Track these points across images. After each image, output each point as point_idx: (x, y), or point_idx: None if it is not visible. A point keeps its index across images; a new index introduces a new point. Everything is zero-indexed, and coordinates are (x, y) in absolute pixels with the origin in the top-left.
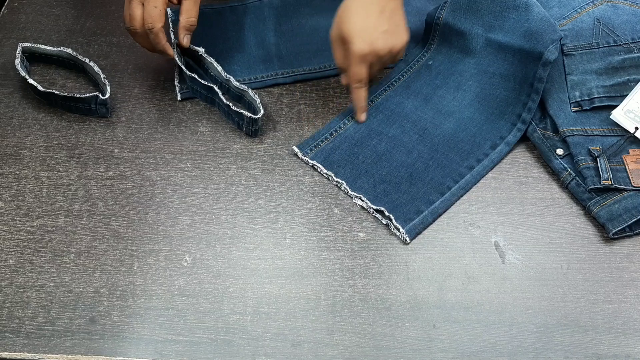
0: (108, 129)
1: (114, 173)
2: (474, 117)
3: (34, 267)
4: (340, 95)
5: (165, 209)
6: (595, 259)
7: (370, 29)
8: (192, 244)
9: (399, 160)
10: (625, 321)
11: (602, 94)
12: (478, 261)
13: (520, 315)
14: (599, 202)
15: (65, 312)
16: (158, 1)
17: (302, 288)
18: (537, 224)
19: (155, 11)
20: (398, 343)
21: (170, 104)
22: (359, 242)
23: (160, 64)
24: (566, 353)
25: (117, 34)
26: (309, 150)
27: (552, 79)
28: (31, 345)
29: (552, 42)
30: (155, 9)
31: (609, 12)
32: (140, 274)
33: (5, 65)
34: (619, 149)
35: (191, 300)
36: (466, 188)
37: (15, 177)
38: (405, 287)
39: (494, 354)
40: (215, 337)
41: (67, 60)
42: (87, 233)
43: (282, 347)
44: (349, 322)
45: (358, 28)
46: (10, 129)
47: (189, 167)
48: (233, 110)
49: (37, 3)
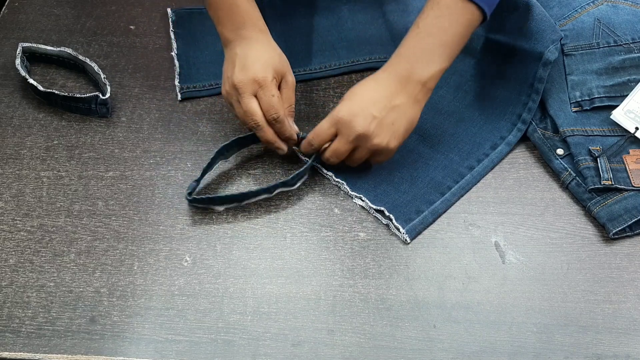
0: (108, 129)
1: (114, 173)
2: (474, 117)
3: (34, 267)
4: (341, 95)
5: (165, 209)
6: (595, 259)
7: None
8: (192, 244)
9: (399, 160)
10: (626, 321)
11: (602, 94)
12: (478, 261)
13: (521, 316)
14: (599, 202)
15: (65, 312)
16: (274, 89)
17: (302, 288)
18: (538, 224)
19: (274, 99)
20: (398, 343)
21: (171, 104)
22: (359, 242)
23: (161, 64)
24: (566, 353)
25: (117, 34)
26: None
27: (552, 79)
28: (31, 345)
29: (552, 42)
30: (273, 97)
31: (609, 12)
32: (141, 274)
33: (5, 65)
34: (619, 149)
35: (191, 300)
36: (466, 188)
37: (15, 177)
38: (406, 287)
39: (494, 354)
40: (215, 337)
41: (67, 60)
42: (88, 233)
43: (282, 347)
44: (349, 322)
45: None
46: (10, 129)
47: (189, 167)
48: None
49: (37, 3)
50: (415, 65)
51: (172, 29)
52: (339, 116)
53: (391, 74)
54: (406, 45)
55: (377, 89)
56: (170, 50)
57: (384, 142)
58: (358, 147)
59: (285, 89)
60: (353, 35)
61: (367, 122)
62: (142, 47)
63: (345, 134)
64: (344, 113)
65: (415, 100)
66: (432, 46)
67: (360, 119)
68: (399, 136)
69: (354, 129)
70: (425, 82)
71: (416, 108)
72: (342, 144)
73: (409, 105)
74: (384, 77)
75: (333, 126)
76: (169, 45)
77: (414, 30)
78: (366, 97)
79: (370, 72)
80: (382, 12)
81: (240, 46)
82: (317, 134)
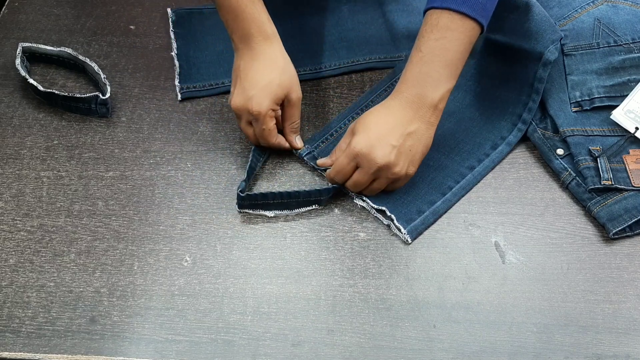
0: (108, 129)
1: (114, 173)
2: (475, 117)
3: (34, 267)
4: (340, 95)
5: (165, 209)
6: (595, 259)
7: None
8: (193, 244)
9: None
10: (626, 321)
11: (602, 94)
12: (478, 261)
13: (521, 316)
14: (599, 202)
15: (65, 312)
16: (266, 123)
17: (303, 288)
18: (538, 224)
19: (265, 132)
20: (398, 343)
21: (171, 104)
22: (359, 242)
23: (161, 64)
24: (566, 353)
25: (117, 34)
26: (309, 151)
27: (552, 79)
28: (31, 345)
29: (552, 42)
30: (264, 130)
31: (609, 12)
32: (141, 274)
33: (5, 65)
34: (619, 149)
35: (191, 300)
36: (467, 188)
37: (15, 177)
38: (406, 287)
39: (494, 354)
40: (215, 337)
41: (67, 60)
42: (88, 233)
43: (282, 347)
44: (349, 322)
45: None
46: (10, 129)
47: (189, 167)
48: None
49: (37, 3)
50: (425, 89)
51: (172, 29)
52: (357, 150)
53: (402, 100)
54: (412, 71)
55: (390, 117)
56: (170, 50)
57: (403, 169)
58: (378, 177)
59: (287, 107)
60: (353, 35)
61: (387, 152)
62: (142, 47)
63: (366, 166)
64: (362, 146)
65: (429, 123)
66: (437, 68)
67: (379, 150)
68: (416, 162)
69: (374, 161)
70: (437, 104)
71: (431, 131)
72: (363, 176)
73: (424, 130)
74: (396, 105)
75: (352, 160)
76: (169, 45)
77: (417, 54)
78: (381, 127)
79: (370, 72)
80: (382, 12)
81: (244, 59)
82: (338, 171)
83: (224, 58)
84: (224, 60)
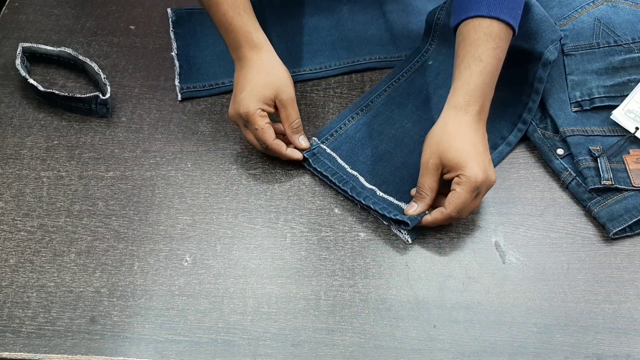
0: (108, 129)
1: (115, 173)
2: None
3: (35, 267)
4: (341, 95)
5: (165, 209)
6: (595, 259)
7: (482, 156)
8: (193, 244)
9: (400, 161)
10: (626, 321)
11: (602, 94)
12: (478, 261)
13: (521, 316)
14: (600, 202)
15: (65, 312)
16: (258, 122)
17: (303, 288)
18: (538, 224)
19: (258, 132)
20: (398, 343)
21: (171, 104)
22: (360, 242)
23: (161, 64)
24: (566, 353)
25: (117, 34)
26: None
27: (552, 79)
28: (31, 345)
29: (552, 42)
30: (257, 130)
31: (609, 12)
32: (141, 274)
33: (5, 65)
34: (619, 149)
35: (191, 300)
36: None
37: (15, 177)
38: (406, 287)
39: (494, 354)
40: (215, 337)
41: (67, 60)
42: (88, 233)
43: (283, 347)
44: (349, 322)
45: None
46: (10, 129)
47: (189, 167)
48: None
49: (37, 3)
50: (486, 100)
51: (172, 29)
52: (479, 180)
53: (474, 115)
54: (476, 82)
55: (473, 134)
56: (170, 50)
57: (494, 177)
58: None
59: (281, 108)
60: (353, 35)
61: (493, 169)
62: (142, 47)
63: (484, 191)
64: (479, 174)
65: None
66: (494, 78)
67: (490, 170)
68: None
69: (491, 182)
70: (488, 109)
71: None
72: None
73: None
74: (469, 120)
75: (475, 191)
76: (169, 45)
77: (478, 64)
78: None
79: (370, 72)
80: (382, 12)
81: (237, 70)
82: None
83: (224, 58)
84: (224, 60)
